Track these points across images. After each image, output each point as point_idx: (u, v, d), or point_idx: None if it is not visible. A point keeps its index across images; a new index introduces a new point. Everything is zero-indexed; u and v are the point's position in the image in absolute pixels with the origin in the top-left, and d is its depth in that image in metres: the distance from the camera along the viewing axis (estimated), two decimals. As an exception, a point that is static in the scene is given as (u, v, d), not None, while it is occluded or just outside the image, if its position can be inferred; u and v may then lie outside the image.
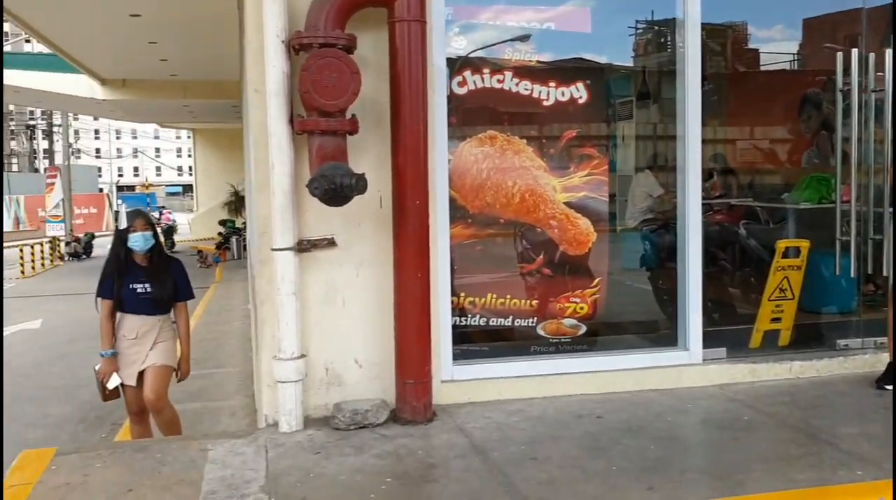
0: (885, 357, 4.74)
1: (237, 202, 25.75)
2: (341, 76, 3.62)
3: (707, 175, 6.45)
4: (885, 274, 5.02)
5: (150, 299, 4.66)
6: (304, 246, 3.90)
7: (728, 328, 5.18)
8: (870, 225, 4.86)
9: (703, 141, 4.68)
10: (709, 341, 4.61)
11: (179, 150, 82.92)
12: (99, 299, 4.67)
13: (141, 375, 4.65)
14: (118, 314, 4.69)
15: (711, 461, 3.42)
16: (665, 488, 3.05)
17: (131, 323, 4.66)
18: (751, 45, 7.09)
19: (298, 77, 3.66)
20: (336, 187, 3.52)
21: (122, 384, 4.65)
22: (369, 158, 3.99)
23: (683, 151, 4.57)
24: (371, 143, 3.99)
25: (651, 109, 5.75)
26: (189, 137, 35.44)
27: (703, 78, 4.77)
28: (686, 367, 4.48)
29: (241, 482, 3.14)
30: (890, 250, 4.83)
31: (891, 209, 4.74)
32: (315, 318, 3.99)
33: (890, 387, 4.23)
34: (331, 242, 3.99)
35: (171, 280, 4.72)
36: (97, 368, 4.66)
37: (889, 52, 4.71)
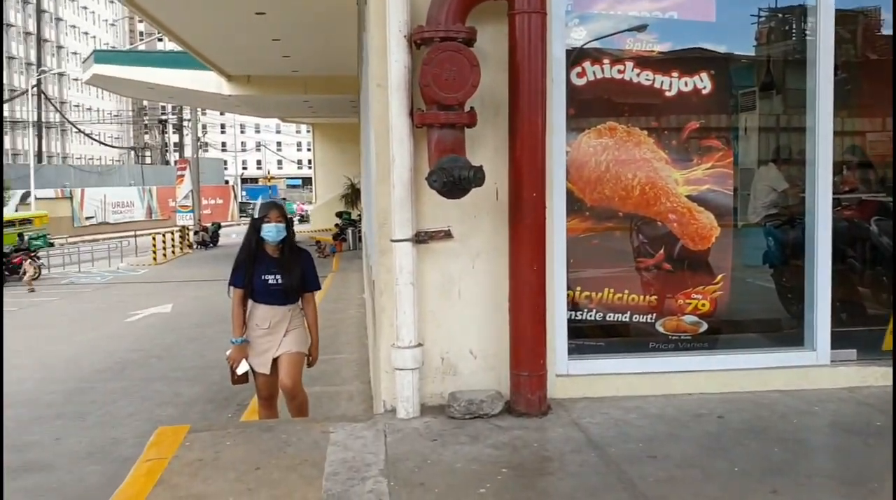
0: None
1: (353, 195, 26.41)
2: (461, 69, 3.66)
3: (836, 169, 6.15)
4: None
5: (280, 290, 4.76)
6: (421, 237, 3.97)
7: (858, 329, 4.91)
8: None
9: (834, 133, 4.47)
10: (837, 341, 4.39)
11: (299, 144, 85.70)
12: (231, 287, 4.82)
13: (274, 362, 4.82)
14: (250, 303, 4.83)
15: (841, 467, 3.27)
16: (790, 492, 2.94)
17: (263, 313, 4.80)
18: (884, 32, 6.69)
19: (419, 71, 3.72)
20: (455, 180, 3.56)
21: (252, 371, 4.84)
22: (487, 150, 4.01)
23: (813, 144, 4.37)
24: (489, 135, 4.01)
25: (775, 100, 5.52)
26: (308, 131, 36.58)
27: (835, 67, 4.55)
28: (813, 368, 4.29)
29: (362, 465, 3.24)
30: None
31: None
32: (431, 308, 4.05)
33: None
34: (447, 234, 4.04)
35: (300, 271, 4.83)
36: (228, 353, 4.84)
37: None
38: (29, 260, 19.93)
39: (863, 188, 6.44)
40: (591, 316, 4.50)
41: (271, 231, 4.70)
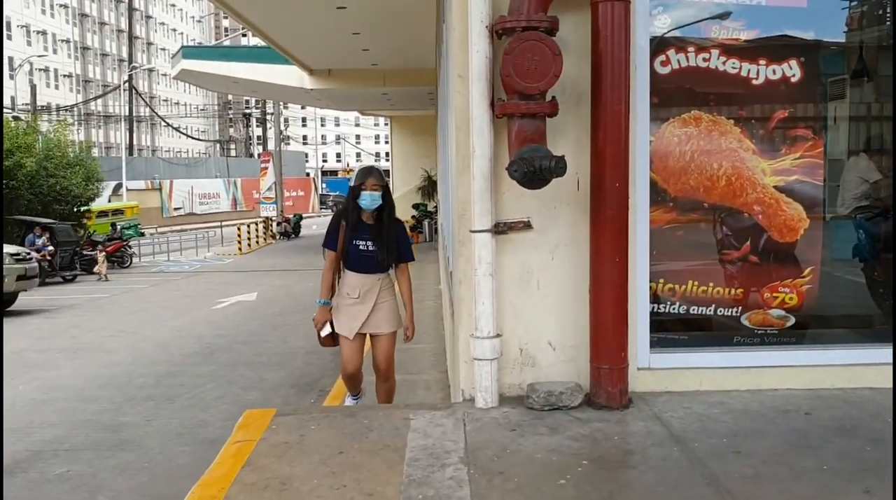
0: None
1: (429, 187, 26.58)
2: (543, 58, 3.64)
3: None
4: None
5: (372, 258, 4.74)
6: (500, 228, 3.97)
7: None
8: None
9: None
10: (935, 339, 4.20)
11: (377, 136, 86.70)
12: (325, 249, 4.86)
13: (361, 339, 4.87)
14: (343, 270, 4.86)
15: (939, 470, 3.13)
16: (884, 492, 2.83)
17: (353, 281, 4.79)
18: None
19: (500, 61, 3.72)
20: (535, 170, 3.55)
21: (338, 337, 4.85)
22: (568, 139, 3.98)
23: (906, 132, 4.18)
24: (570, 124, 3.99)
25: (866, 88, 5.30)
26: (386, 124, 36.94)
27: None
28: (904, 366, 4.11)
29: (442, 452, 3.28)
30: None
31: None
32: (510, 299, 4.06)
33: None
34: (527, 225, 4.03)
35: (394, 241, 4.80)
36: (315, 316, 4.92)
37: None
38: (99, 251, 20.69)
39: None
40: (674, 309, 4.43)
41: (366, 199, 4.69)
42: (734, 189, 4.37)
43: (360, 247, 4.73)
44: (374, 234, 4.74)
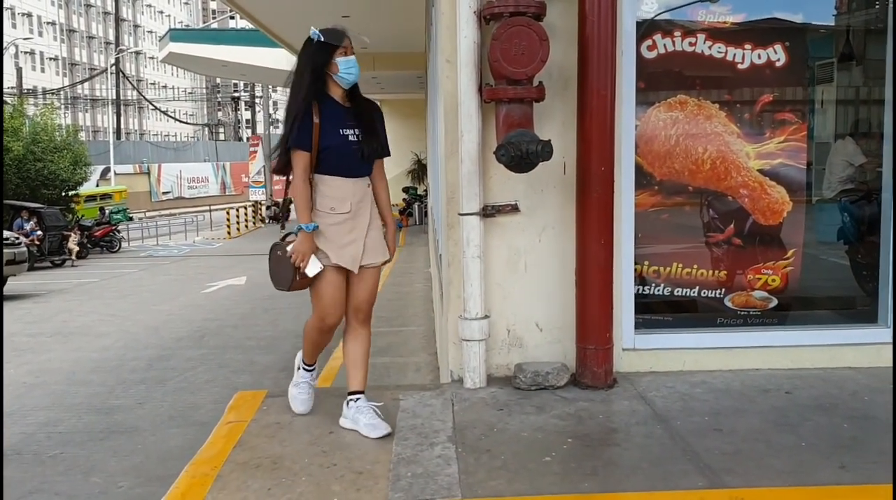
0: None
1: (419, 170, 26.56)
2: (530, 44, 3.68)
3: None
4: None
5: (359, 152, 3.42)
6: (488, 211, 4.03)
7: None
8: None
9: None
10: (914, 319, 4.29)
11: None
12: (293, 150, 3.31)
13: (342, 270, 3.42)
14: (316, 178, 3.39)
15: (914, 446, 3.22)
16: (859, 467, 2.92)
17: (341, 190, 3.39)
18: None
19: (488, 46, 3.75)
20: (522, 154, 3.60)
21: (322, 275, 3.38)
22: (554, 124, 4.03)
23: (891, 117, 4.25)
24: (557, 109, 4.03)
25: (854, 72, 5.35)
26: (376, 106, 36.67)
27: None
28: (886, 345, 4.20)
29: (431, 432, 3.34)
30: None
31: None
32: (498, 281, 4.12)
33: None
34: (514, 208, 4.09)
35: (375, 126, 3.53)
36: (288, 249, 3.38)
37: None
38: (73, 236, 20.59)
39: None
40: (658, 291, 4.50)
41: (351, 67, 3.39)
42: (719, 173, 4.43)
43: (350, 138, 3.39)
44: (357, 118, 3.45)
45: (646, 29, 4.33)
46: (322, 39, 3.37)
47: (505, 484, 2.84)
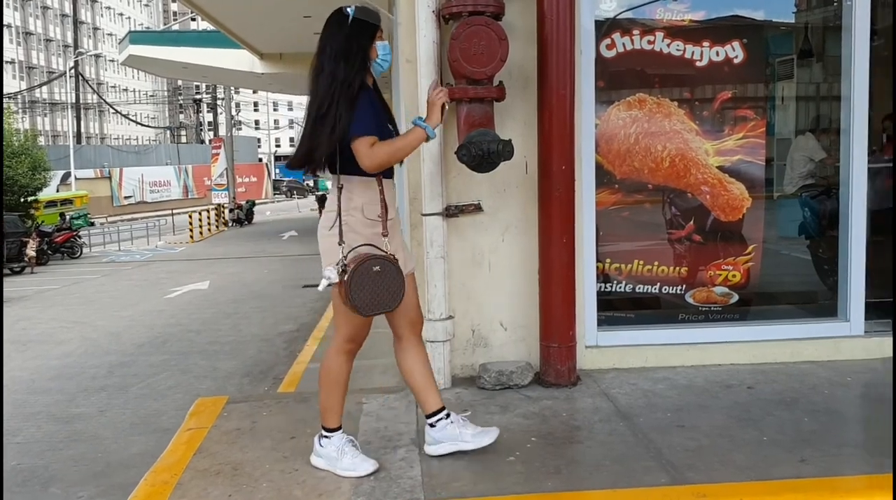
0: None
1: (385, 170, 26.41)
2: (489, 43, 3.67)
3: (875, 138, 6.04)
4: None
5: None
6: (451, 211, 4.01)
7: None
8: None
9: (873, 101, 4.39)
10: (872, 312, 4.36)
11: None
12: (359, 137, 2.81)
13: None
14: (356, 181, 2.93)
15: (872, 437, 3.27)
16: (819, 461, 2.95)
17: (389, 193, 3.00)
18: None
19: (448, 46, 3.74)
20: (483, 154, 3.58)
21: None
22: (516, 123, 4.03)
23: (848, 112, 4.31)
24: (517, 108, 4.03)
25: (814, 68, 5.43)
26: (340, 107, 36.53)
27: (873, 32, 4.46)
28: (846, 339, 4.26)
29: (394, 434, 3.32)
30: None
31: None
32: (461, 281, 4.10)
33: None
34: (477, 208, 4.07)
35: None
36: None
37: None
38: (31, 243, 20.20)
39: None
40: (620, 288, 4.52)
41: (388, 53, 3.01)
42: (678, 170, 4.46)
43: (392, 134, 3.00)
44: (389, 113, 3.08)
45: (604, 28, 4.35)
46: (359, 17, 2.92)
47: (469, 485, 2.83)
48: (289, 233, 20.99)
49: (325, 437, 3.04)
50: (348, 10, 2.92)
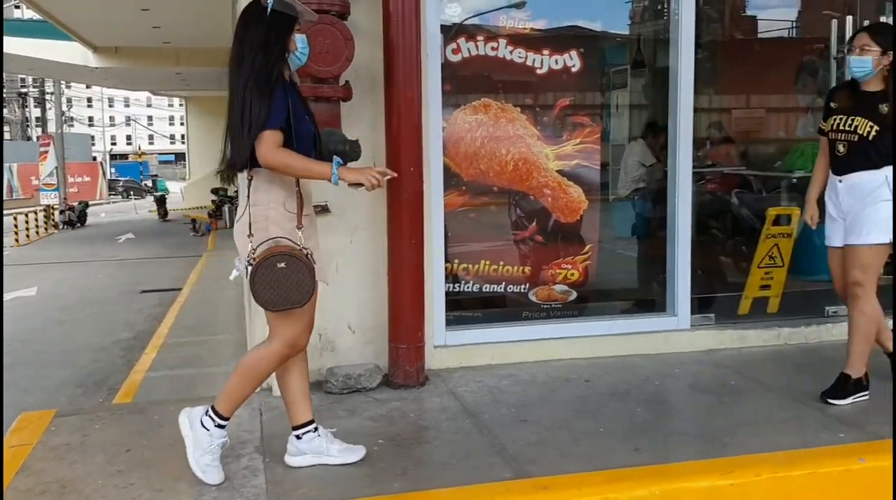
0: None
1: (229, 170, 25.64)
2: (335, 43, 3.63)
3: (699, 145, 6.49)
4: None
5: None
6: (298, 212, 3.93)
7: (718, 295, 5.24)
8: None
9: (697, 110, 4.70)
10: (698, 307, 4.68)
11: (172, 118, 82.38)
12: (266, 131, 2.70)
13: None
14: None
15: (697, 425, 3.50)
16: (651, 449, 3.13)
17: (308, 187, 2.95)
18: (749, 13, 7.07)
19: (292, 44, 3.66)
20: (330, 154, 3.53)
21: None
22: (363, 123, 4.00)
23: (675, 120, 4.59)
24: (365, 109, 4.01)
25: (646, 78, 5.75)
26: (182, 104, 35.23)
27: (698, 45, 4.78)
28: (674, 332, 4.54)
29: (237, 443, 3.21)
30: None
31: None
32: (309, 284, 4.02)
33: None
34: (324, 209, 4.01)
35: None
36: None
37: (882, 20, 4.74)
38: None
39: (725, 163, 6.83)
40: (468, 288, 4.60)
41: (305, 47, 2.94)
42: (521, 173, 4.60)
43: (312, 127, 2.94)
44: (307, 104, 3.02)
45: (450, 32, 4.41)
46: (278, 9, 2.81)
47: (314, 491, 2.78)
48: (125, 236, 19.92)
49: (222, 427, 2.89)
50: (266, 1, 2.81)
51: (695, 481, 2.87)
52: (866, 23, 4.81)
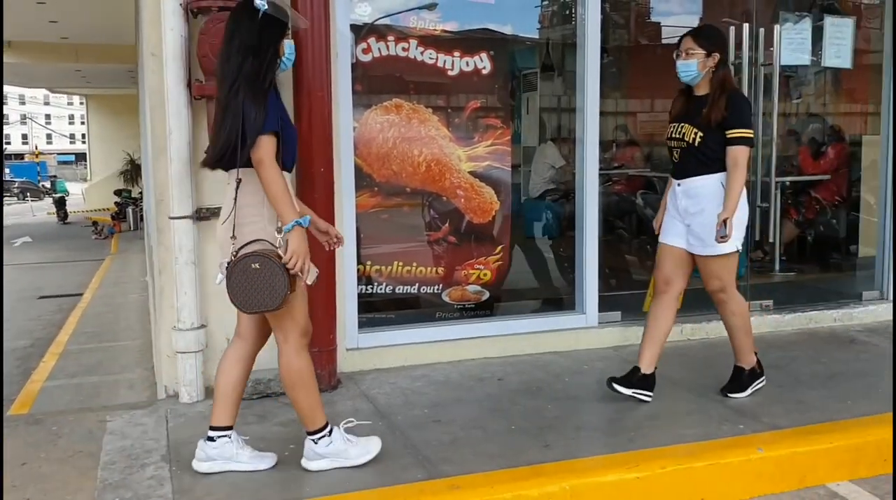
0: (770, 320, 5.05)
1: (133, 171, 24.84)
2: (241, 41, 3.54)
3: (606, 147, 6.66)
4: (770, 241, 5.34)
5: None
6: (202, 214, 3.83)
7: (624, 293, 5.39)
8: (757, 194, 5.13)
9: (604, 113, 4.81)
10: (605, 305, 4.78)
11: (72, 116, 79.08)
12: (266, 135, 2.71)
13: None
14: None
15: (605, 420, 3.57)
16: (561, 445, 3.18)
17: (292, 189, 2.97)
18: (653, 19, 7.29)
19: (197, 40, 3.57)
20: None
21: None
22: (272, 124, 3.92)
23: (582, 123, 4.68)
24: (273, 109, 3.93)
25: (555, 82, 5.86)
26: (82, 103, 33.84)
27: (604, 50, 4.89)
28: (583, 330, 4.64)
29: (142, 452, 3.10)
30: (777, 217, 5.13)
31: (776, 179, 5.05)
32: (216, 288, 3.89)
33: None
34: (225, 212, 3.92)
35: None
36: (290, 249, 2.73)
37: (777, 27, 4.96)
38: None
39: (630, 165, 7.03)
40: (381, 290, 4.58)
41: (292, 53, 2.99)
42: (433, 175, 4.61)
43: (295, 132, 3.06)
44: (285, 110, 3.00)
45: (360, 32, 4.38)
46: (270, 13, 2.81)
47: (223, 499, 2.71)
48: (21, 239, 18.97)
49: (323, 437, 2.93)
50: (259, 3, 2.80)
51: (603, 475, 2.93)
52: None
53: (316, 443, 2.94)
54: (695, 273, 3.76)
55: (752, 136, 3.55)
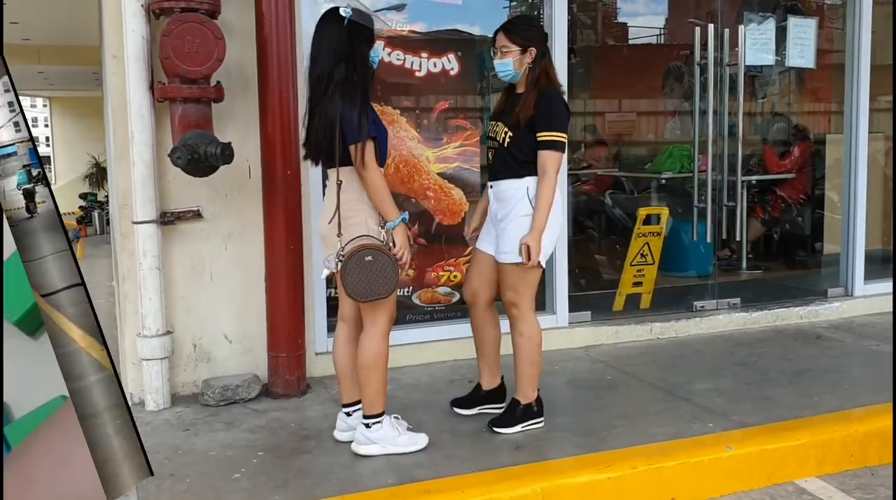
0: (737, 318, 5.09)
1: (99, 174, 24.50)
2: (205, 41, 3.50)
3: (575, 147, 6.67)
4: (737, 239, 5.39)
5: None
6: (167, 219, 3.77)
7: (593, 293, 5.41)
8: (724, 193, 5.17)
9: (572, 113, 4.79)
10: (575, 305, 4.79)
11: (35, 119, 77.84)
12: (367, 142, 2.92)
13: None
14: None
15: (576, 420, 3.56)
16: (532, 447, 3.17)
17: None
18: (620, 19, 7.34)
19: (159, 42, 3.51)
20: (200, 157, 3.41)
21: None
22: (237, 125, 3.88)
23: (553, 123, 4.66)
24: (239, 110, 3.89)
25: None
26: (45, 105, 33.31)
27: (571, 51, 4.90)
28: (553, 330, 4.63)
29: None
30: (744, 215, 5.18)
31: (742, 178, 5.10)
32: (182, 293, 3.87)
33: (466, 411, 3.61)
34: (196, 215, 3.87)
35: None
36: (395, 241, 3.00)
37: (742, 28, 5.01)
38: None
39: (599, 165, 7.06)
40: (350, 293, 4.53)
41: (377, 57, 3.14)
42: (403, 176, 4.58)
43: (386, 135, 3.23)
44: None
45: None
46: (356, 20, 2.98)
47: (187, 509, 2.67)
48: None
49: (377, 422, 3.10)
50: (344, 11, 2.97)
51: (575, 476, 2.93)
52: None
53: (369, 427, 3.08)
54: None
55: (563, 140, 3.21)
